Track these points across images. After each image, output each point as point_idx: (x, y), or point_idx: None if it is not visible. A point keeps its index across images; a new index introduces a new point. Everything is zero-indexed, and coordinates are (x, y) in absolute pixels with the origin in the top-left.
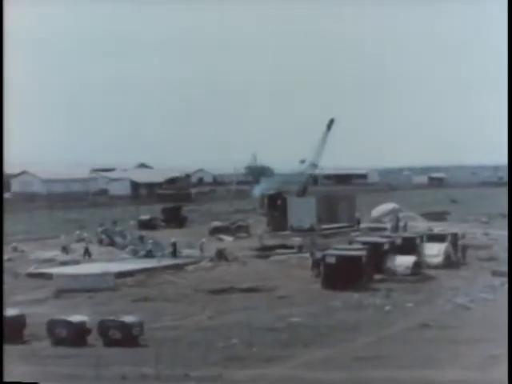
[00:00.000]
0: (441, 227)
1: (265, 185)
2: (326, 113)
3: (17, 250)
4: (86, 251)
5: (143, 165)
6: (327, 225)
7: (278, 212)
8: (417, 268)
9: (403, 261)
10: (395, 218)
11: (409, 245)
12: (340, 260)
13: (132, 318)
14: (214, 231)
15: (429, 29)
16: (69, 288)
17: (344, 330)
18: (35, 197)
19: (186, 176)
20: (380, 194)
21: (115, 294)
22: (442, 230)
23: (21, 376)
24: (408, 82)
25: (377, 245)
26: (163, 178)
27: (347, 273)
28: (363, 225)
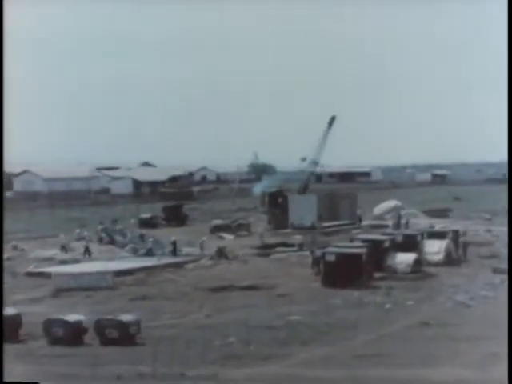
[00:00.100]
0: (443, 224)
1: (266, 182)
2: (327, 112)
3: (17, 249)
4: (87, 250)
5: (147, 163)
6: (328, 222)
7: (279, 210)
8: (417, 265)
9: (404, 258)
10: (397, 216)
11: (409, 242)
12: (340, 258)
13: (129, 317)
14: (215, 229)
15: (429, 29)
16: (67, 287)
17: (343, 328)
18: (37, 196)
19: (190, 174)
20: (383, 192)
21: (114, 293)
22: (443, 227)
23: (16, 375)
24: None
25: (377, 242)
26: (165, 177)
27: (347, 271)
28: (365, 222)
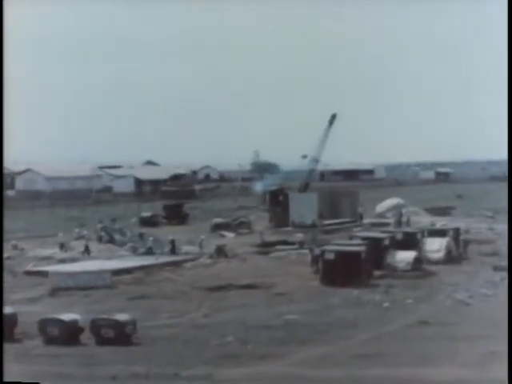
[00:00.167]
0: (444, 222)
1: (267, 181)
2: (327, 111)
3: (17, 248)
4: (86, 249)
5: (150, 162)
6: (329, 220)
7: (280, 208)
8: (417, 263)
9: (404, 256)
10: (398, 214)
11: (410, 240)
12: (339, 256)
13: (125, 316)
14: (216, 228)
15: (429, 29)
16: (65, 286)
17: (342, 327)
18: (39, 194)
19: (193, 173)
20: (386, 190)
21: (112, 292)
22: (444, 225)
23: (11, 375)
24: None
25: (377, 240)
26: (168, 175)
27: (346, 269)
28: (366, 220)
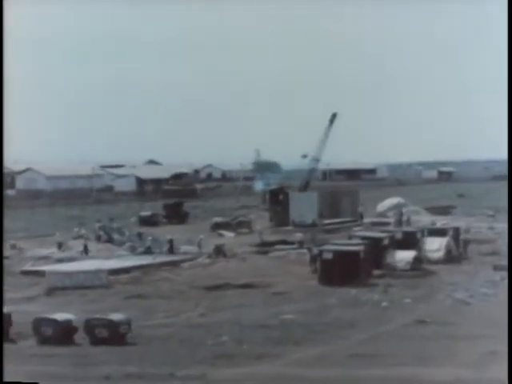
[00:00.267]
0: (445, 221)
1: (267, 180)
2: (328, 111)
3: (15, 248)
4: (85, 248)
5: (152, 161)
6: (330, 220)
7: (281, 207)
8: (417, 263)
9: (403, 256)
10: (398, 213)
11: (409, 239)
12: (337, 255)
13: (119, 316)
14: (215, 227)
15: (429, 29)
16: (61, 285)
17: (339, 327)
18: (39, 194)
19: (195, 172)
20: (389, 189)
21: (109, 292)
22: (444, 224)
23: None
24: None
25: (376, 240)
26: (169, 174)
27: (344, 268)
28: (366, 220)
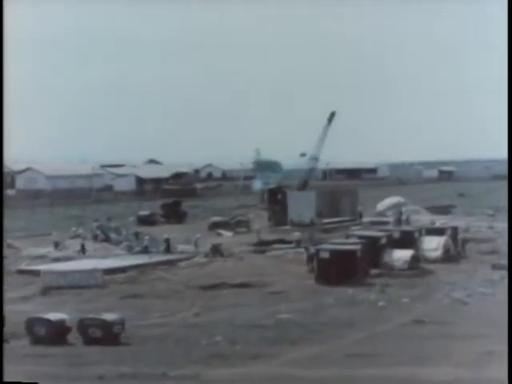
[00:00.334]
0: (444, 221)
1: (265, 179)
2: (328, 111)
3: (11, 247)
4: (82, 248)
5: (153, 161)
6: (329, 219)
7: (279, 206)
8: (415, 262)
9: (401, 255)
10: (398, 212)
11: (407, 238)
12: (334, 255)
13: (113, 316)
14: (213, 226)
15: (429, 29)
16: (56, 285)
17: (335, 327)
18: (39, 193)
19: (196, 171)
20: (389, 188)
21: (104, 291)
22: (443, 224)
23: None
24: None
25: (374, 239)
26: (169, 174)
27: (341, 267)
28: (365, 219)
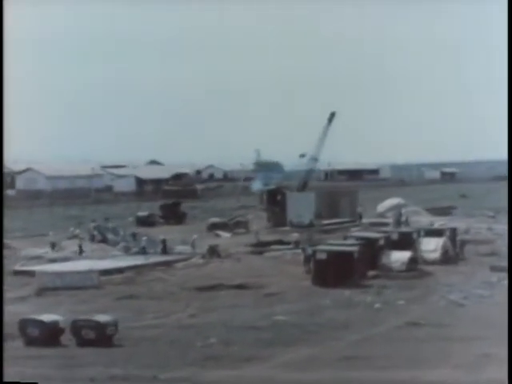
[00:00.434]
0: (444, 222)
1: (264, 180)
2: (328, 111)
3: (8, 247)
4: (80, 248)
5: (154, 162)
6: (328, 220)
7: (278, 207)
8: (413, 264)
9: (399, 256)
10: (397, 213)
11: (405, 240)
12: (331, 256)
13: (106, 318)
14: (212, 227)
15: (429, 29)
16: (52, 286)
17: (330, 329)
18: (39, 194)
19: (197, 172)
20: (391, 190)
21: (100, 292)
22: (442, 225)
23: None
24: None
25: (371, 240)
26: (170, 175)
27: (338, 269)
28: (365, 220)
